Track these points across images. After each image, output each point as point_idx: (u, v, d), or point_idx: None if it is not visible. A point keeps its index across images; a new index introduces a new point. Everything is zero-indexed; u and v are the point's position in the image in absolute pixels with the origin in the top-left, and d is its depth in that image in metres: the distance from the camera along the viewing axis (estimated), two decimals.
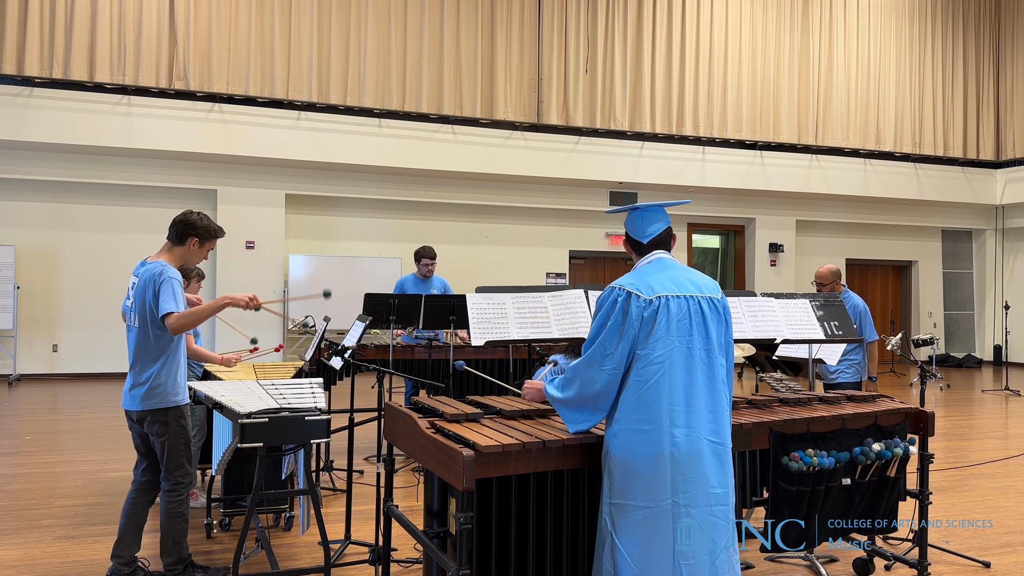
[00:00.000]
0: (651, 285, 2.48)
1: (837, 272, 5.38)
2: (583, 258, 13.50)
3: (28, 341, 10.70)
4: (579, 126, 12.29)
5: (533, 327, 3.81)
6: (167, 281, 3.38)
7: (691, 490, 2.37)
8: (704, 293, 2.53)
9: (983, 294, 15.55)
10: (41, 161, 10.51)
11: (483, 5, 11.91)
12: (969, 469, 6.08)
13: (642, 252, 2.67)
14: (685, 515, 2.36)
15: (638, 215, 2.68)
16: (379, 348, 5.72)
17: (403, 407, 2.93)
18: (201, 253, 3.62)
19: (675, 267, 2.59)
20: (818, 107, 13.67)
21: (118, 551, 3.43)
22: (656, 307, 2.44)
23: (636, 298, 2.45)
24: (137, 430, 3.51)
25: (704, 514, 2.38)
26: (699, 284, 2.55)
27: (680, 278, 2.53)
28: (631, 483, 2.38)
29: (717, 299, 2.56)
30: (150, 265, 3.46)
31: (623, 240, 2.76)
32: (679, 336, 2.44)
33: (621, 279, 2.55)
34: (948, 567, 3.88)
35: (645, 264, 2.63)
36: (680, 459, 2.37)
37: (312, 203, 11.88)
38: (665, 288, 2.48)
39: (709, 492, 2.40)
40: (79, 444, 6.56)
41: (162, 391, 3.42)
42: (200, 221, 3.56)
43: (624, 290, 2.48)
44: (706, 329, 2.49)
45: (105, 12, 10.22)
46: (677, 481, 2.37)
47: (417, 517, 3.17)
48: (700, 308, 2.50)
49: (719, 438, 2.45)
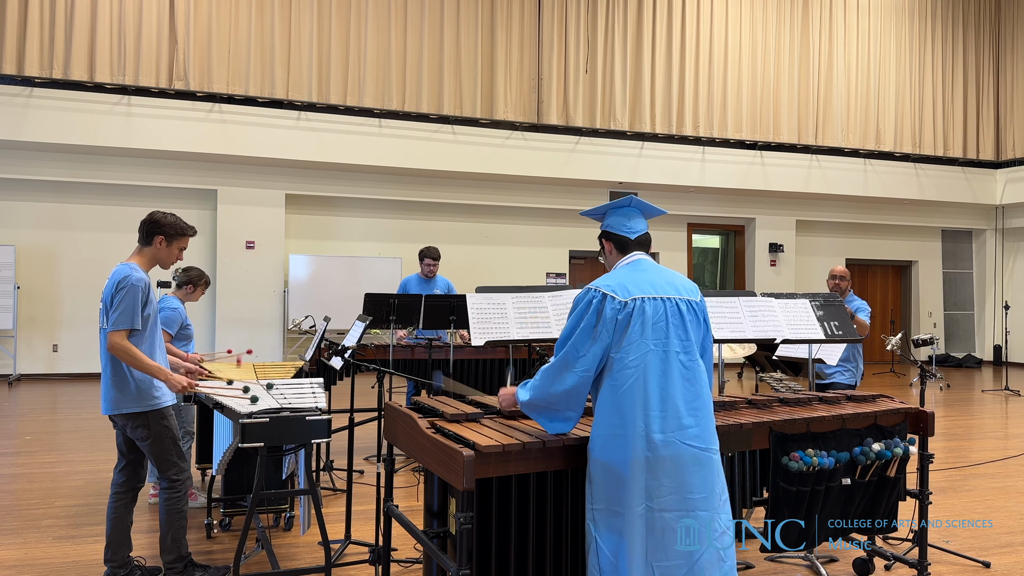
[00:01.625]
0: (627, 287, 2.46)
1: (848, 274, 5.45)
2: (583, 258, 13.50)
3: (28, 341, 10.70)
4: (579, 126, 12.29)
5: (533, 327, 3.81)
6: (129, 289, 3.29)
7: (664, 495, 2.35)
8: (682, 295, 2.51)
9: (983, 294, 15.55)
10: (41, 161, 10.51)
11: (483, 5, 11.91)
12: (969, 469, 6.09)
13: (626, 250, 2.63)
14: (659, 520, 2.34)
15: (625, 211, 2.65)
16: (379, 348, 5.72)
17: (403, 407, 2.93)
18: (171, 252, 3.53)
19: (653, 269, 2.57)
20: (818, 107, 13.67)
21: (110, 555, 3.42)
22: (631, 309, 2.42)
23: (611, 299, 2.43)
24: (122, 432, 3.48)
25: (681, 518, 2.35)
26: (677, 286, 2.53)
27: (657, 280, 2.51)
28: (609, 487, 2.37)
29: (696, 301, 2.54)
30: (120, 267, 3.41)
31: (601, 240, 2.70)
32: (655, 339, 2.41)
33: (598, 280, 2.52)
34: (948, 567, 3.88)
35: (624, 265, 2.60)
36: (656, 464, 2.35)
37: (312, 203, 11.88)
38: (641, 290, 2.45)
39: (687, 497, 2.36)
40: (79, 444, 6.55)
41: (139, 394, 3.35)
42: (165, 219, 3.49)
43: (599, 291, 2.45)
44: (685, 331, 2.46)
45: (105, 12, 10.22)
46: (652, 486, 2.34)
47: (417, 517, 3.17)
48: (678, 310, 2.47)
49: (702, 443, 2.41)
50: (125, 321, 3.28)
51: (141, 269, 3.43)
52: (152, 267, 3.52)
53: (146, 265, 3.49)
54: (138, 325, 3.32)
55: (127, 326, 3.28)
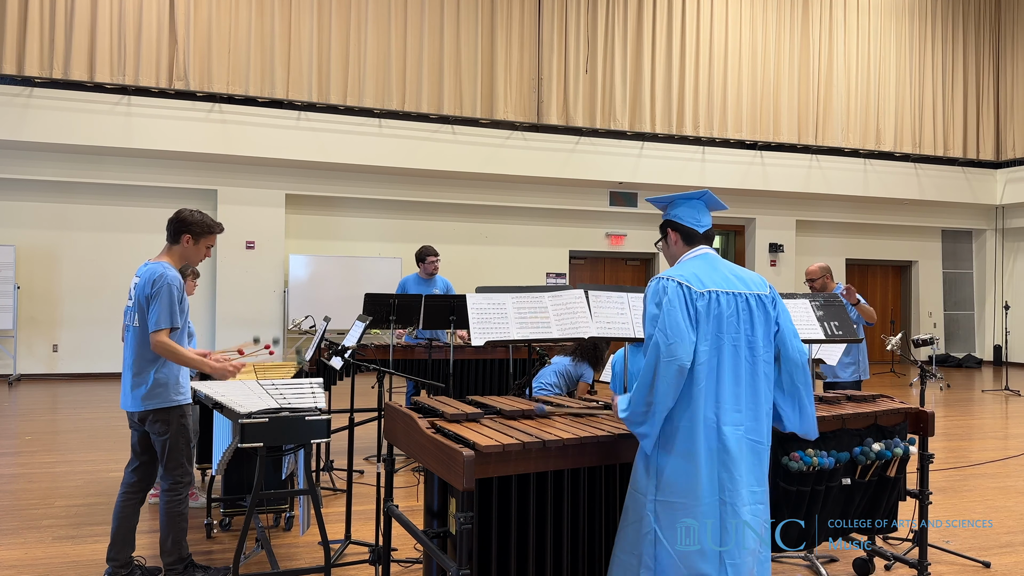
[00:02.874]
0: (701, 279, 2.45)
1: (827, 268, 5.38)
2: (583, 258, 13.50)
3: (28, 341, 10.70)
4: (579, 126, 12.29)
5: (533, 327, 3.80)
6: (165, 288, 3.34)
7: (737, 488, 2.36)
8: (752, 290, 2.51)
9: (983, 294, 15.55)
10: (41, 161, 10.51)
11: (483, 5, 11.91)
12: (969, 469, 6.08)
13: (693, 243, 2.61)
14: (731, 513, 2.35)
15: (695, 204, 2.63)
16: (379, 348, 5.72)
17: (403, 407, 2.92)
18: (199, 250, 3.56)
19: (722, 263, 2.57)
20: (818, 107, 13.67)
21: (113, 554, 3.42)
22: (707, 301, 2.42)
23: (689, 289, 2.42)
24: (138, 430, 3.51)
25: (748, 512, 2.38)
26: (746, 280, 2.53)
27: (727, 274, 2.51)
28: (678, 480, 2.36)
29: (765, 295, 2.53)
30: (152, 265, 3.44)
31: (666, 230, 2.65)
32: (727, 333, 2.42)
33: (670, 270, 2.50)
34: (948, 567, 3.88)
35: (691, 258, 2.58)
36: (725, 457, 2.36)
37: (312, 203, 11.88)
38: (716, 283, 2.46)
39: (751, 491, 2.39)
40: (79, 444, 6.55)
41: (163, 391, 3.41)
42: (192, 217, 3.50)
43: (675, 280, 2.44)
44: (752, 326, 2.47)
45: (105, 12, 10.22)
46: (724, 479, 2.36)
47: (417, 517, 3.18)
48: (748, 305, 2.48)
49: (758, 436, 2.43)
50: (166, 320, 3.32)
51: (172, 268, 3.46)
52: (181, 265, 3.55)
53: (176, 263, 3.52)
54: (178, 323, 3.38)
55: (168, 324, 3.33)
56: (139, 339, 3.43)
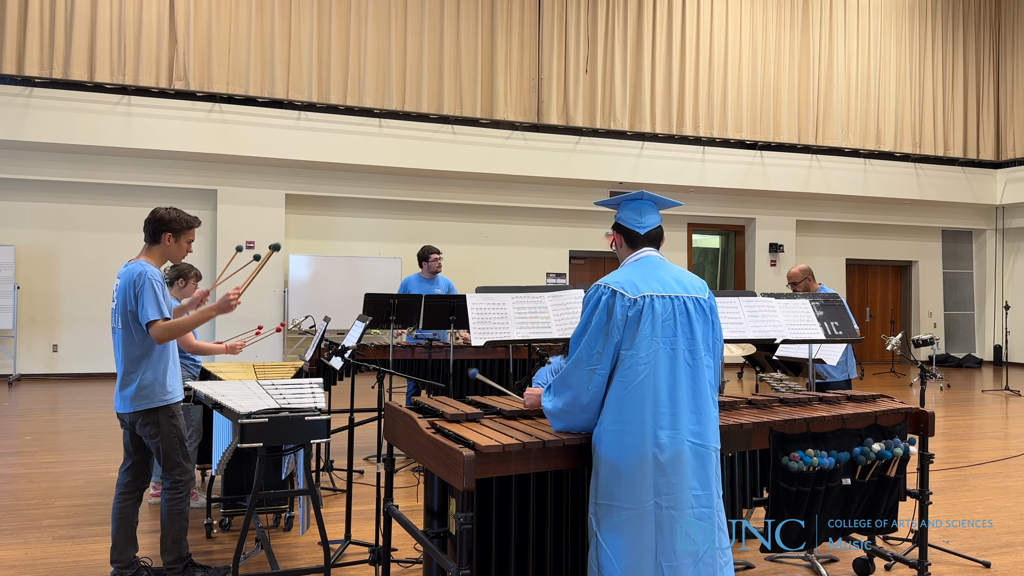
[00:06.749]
0: (636, 284, 2.46)
1: (808, 270, 5.39)
2: (583, 258, 13.50)
3: (28, 341, 10.70)
4: (579, 126, 12.29)
5: (533, 327, 3.80)
6: (147, 284, 3.34)
7: (673, 492, 2.36)
8: (690, 293, 2.51)
9: (983, 294, 15.55)
10: (41, 161, 10.51)
11: (483, 5, 11.91)
12: (969, 469, 6.08)
13: (635, 245, 2.63)
14: (667, 517, 2.35)
15: (636, 205, 2.64)
16: (379, 348, 5.72)
17: (403, 407, 2.92)
18: (180, 247, 3.55)
19: (662, 266, 2.56)
20: (818, 107, 13.67)
21: (116, 556, 3.42)
22: (641, 307, 2.42)
23: (621, 297, 2.43)
24: (130, 431, 3.50)
25: (686, 516, 2.37)
26: (685, 284, 2.52)
27: (666, 277, 2.51)
28: (615, 484, 2.37)
29: (703, 299, 2.53)
30: (131, 265, 3.43)
31: (612, 232, 2.70)
32: (663, 337, 2.42)
33: (607, 277, 2.52)
34: (948, 567, 3.88)
35: (633, 262, 2.59)
36: (663, 461, 2.36)
37: (312, 203, 11.88)
38: (651, 287, 2.46)
39: (691, 495, 2.39)
40: (79, 444, 6.55)
41: (150, 391, 3.39)
42: (169, 215, 3.50)
43: (609, 288, 2.45)
44: (691, 329, 2.47)
45: (105, 12, 10.22)
46: (660, 483, 2.36)
47: (417, 517, 3.18)
48: (685, 308, 2.48)
49: (701, 440, 2.43)
50: (155, 312, 3.33)
51: (151, 265, 3.46)
52: (163, 264, 3.55)
53: (157, 262, 3.52)
54: (168, 314, 3.38)
55: (158, 316, 3.34)
56: (125, 341, 3.42)
